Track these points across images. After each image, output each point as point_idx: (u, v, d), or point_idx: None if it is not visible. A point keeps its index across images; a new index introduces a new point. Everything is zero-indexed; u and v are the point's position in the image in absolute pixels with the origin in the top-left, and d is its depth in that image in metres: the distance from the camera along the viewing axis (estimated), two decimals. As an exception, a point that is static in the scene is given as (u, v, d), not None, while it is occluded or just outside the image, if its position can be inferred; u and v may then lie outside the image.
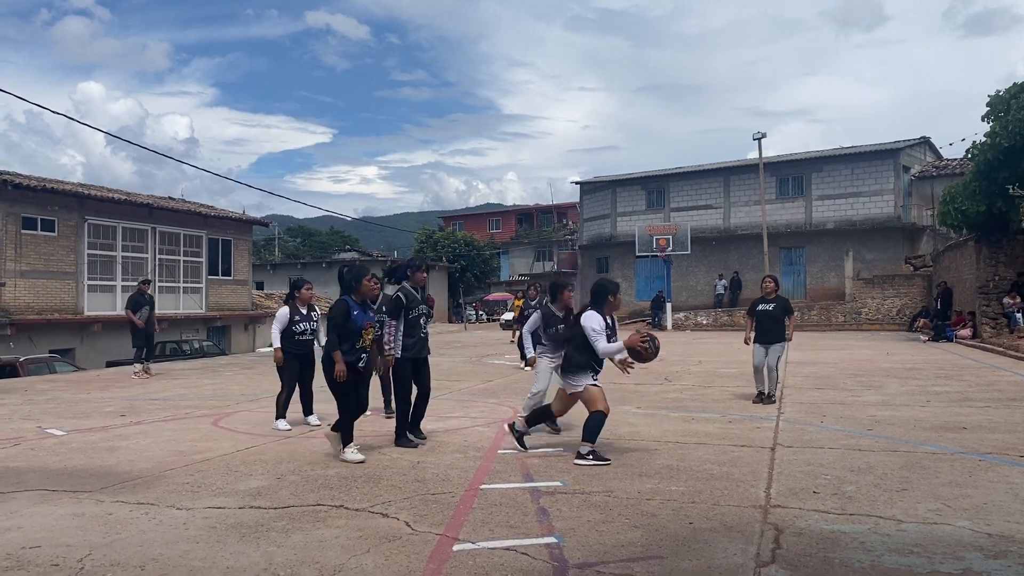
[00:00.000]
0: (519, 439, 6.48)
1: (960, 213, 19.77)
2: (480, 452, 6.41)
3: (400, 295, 6.83)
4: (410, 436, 6.78)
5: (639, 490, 5.05)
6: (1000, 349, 16.30)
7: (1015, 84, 17.56)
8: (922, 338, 21.30)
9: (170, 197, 30.03)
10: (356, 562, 3.74)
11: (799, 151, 37.93)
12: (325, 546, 3.99)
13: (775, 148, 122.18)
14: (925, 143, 34.53)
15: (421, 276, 7.04)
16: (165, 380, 13.43)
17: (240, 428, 7.93)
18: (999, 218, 19.03)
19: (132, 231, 24.74)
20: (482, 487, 5.19)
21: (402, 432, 6.76)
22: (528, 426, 6.57)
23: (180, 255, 26.53)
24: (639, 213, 37.43)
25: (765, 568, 3.59)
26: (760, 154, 31.47)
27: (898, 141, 33.25)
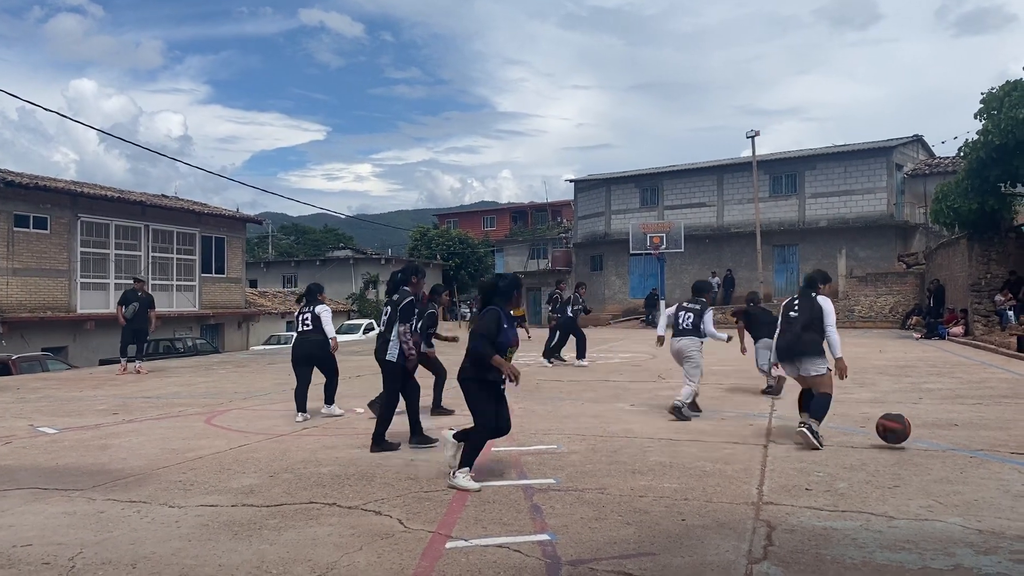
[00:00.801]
0: (683, 414, 7.66)
1: (952, 211, 19.83)
2: (473, 450, 6.39)
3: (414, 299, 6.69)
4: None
5: (632, 487, 5.06)
6: (992, 346, 16.36)
7: (1007, 82, 17.60)
8: (915, 335, 21.37)
9: (163, 195, 29.93)
10: (348, 560, 3.73)
11: (792, 149, 38.05)
12: (317, 544, 3.98)
13: (769, 146, 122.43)
14: (918, 141, 34.62)
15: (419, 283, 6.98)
16: (158, 378, 13.39)
17: (233, 426, 7.91)
18: (991, 216, 19.10)
19: (125, 229, 24.66)
20: (475, 484, 5.18)
21: (382, 435, 6.48)
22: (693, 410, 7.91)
23: (173, 253, 26.46)
24: (633, 211, 37.45)
25: (757, 565, 3.59)
26: (753, 152, 31.53)
27: (891, 139, 33.34)
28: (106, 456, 6.41)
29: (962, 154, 19.50)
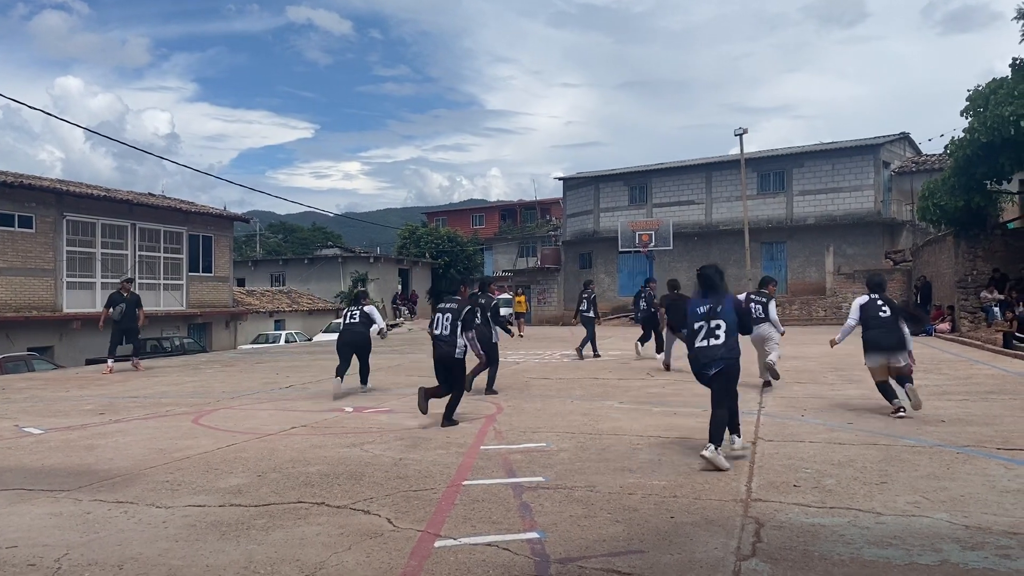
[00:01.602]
0: (776, 372, 9.60)
1: (939, 208, 19.97)
2: (463, 448, 6.39)
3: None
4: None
5: (621, 485, 5.06)
6: (978, 343, 16.49)
7: (993, 80, 17.72)
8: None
9: (150, 193, 29.74)
10: (337, 559, 3.72)
11: (780, 147, 38.24)
12: (306, 543, 3.96)
13: (757, 144, 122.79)
14: (905, 139, 34.85)
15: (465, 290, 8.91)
16: (145, 378, 13.31)
17: (221, 426, 7.87)
18: (977, 213, 19.25)
19: (112, 227, 24.50)
20: (464, 483, 5.18)
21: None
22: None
23: (160, 252, 26.32)
24: (622, 209, 37.54)
25: (746, 561, 3.60)
26: (741, 150, 31.64)
27: (878, 137, 33.56)
28: (92, 456, 6.36)
29: (948, 151, 19.61)
